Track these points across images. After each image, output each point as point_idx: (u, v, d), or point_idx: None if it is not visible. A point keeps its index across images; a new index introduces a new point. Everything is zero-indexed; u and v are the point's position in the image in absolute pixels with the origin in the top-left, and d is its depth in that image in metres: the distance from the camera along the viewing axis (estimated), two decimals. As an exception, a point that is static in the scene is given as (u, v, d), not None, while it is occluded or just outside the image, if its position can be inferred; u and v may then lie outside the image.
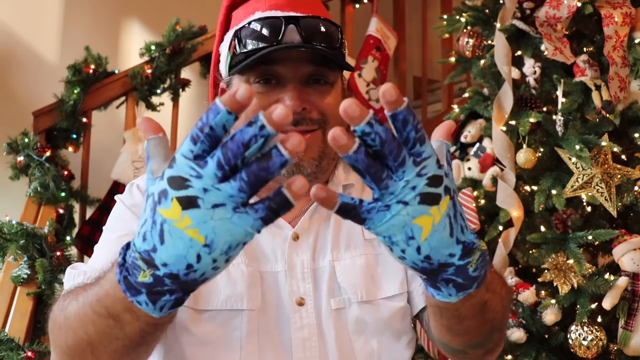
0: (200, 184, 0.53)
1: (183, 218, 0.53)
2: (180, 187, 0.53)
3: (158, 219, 0.55)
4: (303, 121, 0.92)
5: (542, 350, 1.82)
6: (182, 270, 0.56)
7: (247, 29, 0.93)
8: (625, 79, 1.91)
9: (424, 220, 0.57)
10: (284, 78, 0.93)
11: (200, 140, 0.53)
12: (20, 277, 2.31)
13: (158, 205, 0.55)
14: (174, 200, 0.53)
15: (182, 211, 0.53)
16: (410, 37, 4.16)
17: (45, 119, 2.89)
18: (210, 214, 0.53)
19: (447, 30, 2.36)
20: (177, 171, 0.54)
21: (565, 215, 1.82)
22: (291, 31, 0.91)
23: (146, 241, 0.56)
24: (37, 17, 3.68)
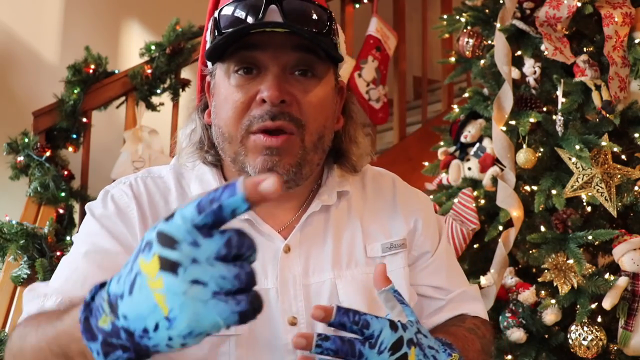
0: (191, 253, 0.49)
1: (157, 278, 0.50)
2: (166, 245, 0.50)
3: (135, 268, 0.52)
4: (281, 115, 0.83)
5: (542, 350, 1.82)
6: (138, 331, 0.52)
7: (226, 11, 0.85)
8: (625, 79, 1.91)
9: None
10: (265, 66, 0.84)
11: (205, 214, 0.49)
12: (20, 277, 2.31)
13: (141, 252, 0.52)
14: (155, 256, 0.50)
15: (158, 271, 0.50)
16: (410, 37, 4.16)
17: (45, 119, 2.89)
18: (185, 287, 0.49)
19: (447, 30, 2.36)
20: (170, 229, 0.50)
21: (565, 215, 1.82)
22: (272, 12, 0.82)
23: (119, 284, 0.53)
24: (37, 17, 3.68)
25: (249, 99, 0.85)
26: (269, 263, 0.89)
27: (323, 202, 0.94)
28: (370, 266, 0.93)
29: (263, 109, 0.83)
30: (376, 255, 0.95)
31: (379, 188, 1.03)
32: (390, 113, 3.70)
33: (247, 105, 0.85)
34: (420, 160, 2.51)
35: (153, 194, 0.93)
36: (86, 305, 0.56)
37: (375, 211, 0.99)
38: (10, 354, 0.73)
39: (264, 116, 0.83)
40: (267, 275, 0.88)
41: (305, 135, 0.86)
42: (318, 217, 0.94)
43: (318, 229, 0.94)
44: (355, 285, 0.91)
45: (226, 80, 0.87)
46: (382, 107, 3.55)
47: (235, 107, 0.85)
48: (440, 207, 2.14)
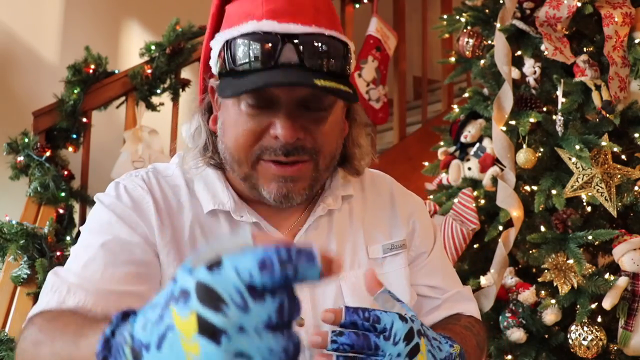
0: (239, 319, 0.42)
1: (193, 342, 0.42)
2: (210, 305, 0.42)
3: (167, 320, 0.45)
4: (295, 151, 0.84)
5: (542, 350, 1.82)
6: None
7: (239, 44, 0.83)
8: (625, 79, 1.91)
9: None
10: (277, 99, 0.83)
11: (270, 275, 0.43)
12: (20, 277, 2.31)
13: (175, 303, 0.44)
14: (193, 314, 0.43)
15: (196, 333, 0.42)
16: (410, 37, 4.16)
17: (45, 119, 2.89)
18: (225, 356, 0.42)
19: (447, 30, 2.36)
20: (216, 283, 0.43)
21: (565, 215, 1.82)
22: (288, 51, 0.81)
23: (145, 332, 0.46)
24: (37, 17, 3.68)
25: (261, 130, 0.85)
26: None
27: (328, 206, 0.96)
28: (373, 267, 0.95)
29: (276, 144, 0.84)
30: (378, 256, 0.98)
31: (377, 192, 1.05)
32: (390, 113, 3.70)
33: (258, 136, 0.86)
34: (420, 160, 2.51)
35: (166, 190, 0.93)
36: (105, 341, 0.51)
37: (375, 214, 1.02)
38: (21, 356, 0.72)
39: (277, 151, 0.85)
40: None
41: (319, 160, 0.88)
42: (322, 221, 0.96)
43: (322, 234, 0.96)
44: (359, 286, 0.92)
45: (236, 104, 0.87)
46: (382, 107, 3.55)
47: (245, 135, 0.86)
48: (440, 207, 2.14)
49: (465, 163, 2.16)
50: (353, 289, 0.92)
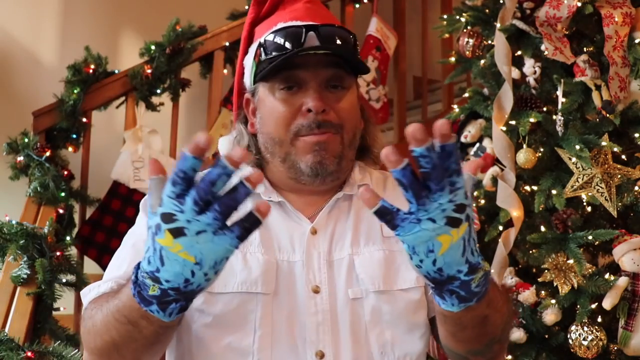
0: (184, 217, 0.66)
1: (175, 244, 0.67)
2: (169, 221, 0.66)
3: (157, 247, 0.68)
4: (324, 124, 1.00)
5: (542, 350, 1.82)
6: (182, 284, 0.69)
7: (270, 37, 1.02)
8: (625, 79, 1.91)
9: (444, 238, 0.69)
10: (305, 82, 1.01)
11: (177, 183, 0.65)
12: (20, 277, 2.31)
13: (155, 235, 0.68)
14: (166, 231, 0.66)
15: (173, 239, 0.66)
16: (410, 37, 4.16)
17: (45, 119, 2.89)
18: (195, 239, 0.66)
19: (447, 30, 2.36)
20: (165, 209, 0.66)
21: (565, 215, 1.82)
22: (311, 38, 1.00)
23: (150, 264, 0.70)
24: (36, 17, 3.68)
25: (295, 111, 1.02)
26: (297, 240, 1.02)
27: (346, 192, 1.08)
28: (386, 244, 1.03)
29: (309, 119, 1.01)
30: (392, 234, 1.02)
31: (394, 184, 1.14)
32: (390, 113, 3.70)
33: (293, 116, 1.02)
34: (420, 160, 2.50)
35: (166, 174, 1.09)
36: (134, 283, 0.74)
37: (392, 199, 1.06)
38: (85, 331, 0.89)
39: (311, 125, 1.00)
40: (294, 250, 1.02)
41: (344, 134, 1.03)
42: (342, 204, 1.07)
43: (341, 215, 1.06)
44: (372, 260, 1.01)
45: (271, 96, 1.04)
46: (382, 107, 3.55)
47: (283, 117, 1.02)
48: (440, 207, 2.14)
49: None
50: (364, 263, 1.01)
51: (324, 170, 1.02)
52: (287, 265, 1.00)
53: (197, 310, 0.96)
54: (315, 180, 1.03)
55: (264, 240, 1.01)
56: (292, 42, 1.00)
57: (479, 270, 0.74)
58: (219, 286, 0.95)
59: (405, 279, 1.02)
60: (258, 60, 1.04)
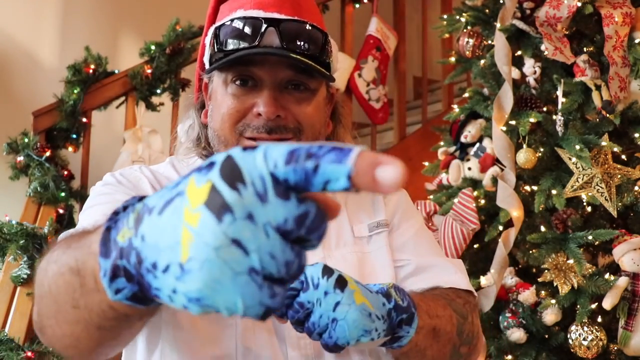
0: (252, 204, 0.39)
1: (196, 211, 0.39)
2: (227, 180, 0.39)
3: (181, 186, 0.42)
4: (277, 129, 0.90)
5: (542, 350, 1.82)
6: (148, 261, 0.43)
7: (226, 27, 0.91)
8: (625, 79, 1.91)
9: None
10: (261, 81, 0.90)
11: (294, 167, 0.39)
12: (20, 277, 2.31)
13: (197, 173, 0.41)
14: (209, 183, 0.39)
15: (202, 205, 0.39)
16: (410, 37, 4.16)
17: (45, 119, 2.89)
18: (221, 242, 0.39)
19: (447, 30, 2.36)
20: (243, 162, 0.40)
21: (565, 215, 1.82)
22: (270, 34, 0.88)
23: (156, 197, 0.44)
24: (36, 17, 3.68)
25: (245, 109, 0.91)
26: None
27: None
28: (358, 245, 0.98)
29: (259, 122, 0.90)
30: (363, 235, 1.00)
31: None
32: (390, 113, 3.70)
33: (242, 114, 0.92)
34: (420, 160, 2.51)
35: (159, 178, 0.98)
36: (114, 213, 0.49)
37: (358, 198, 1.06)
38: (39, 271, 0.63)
39: (260, 128, 0.90)
40: None
41: (302, 138, 0.92)
42: None
43: None
44: (345, 263, 0.95)
45: (223, 87, 0.94)
46: (382, 107, 3.55)
47: (230, 114, 0.92)
48: (440, 207, 2.14)
49: (465, 163, 2.16)
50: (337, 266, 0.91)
51: None
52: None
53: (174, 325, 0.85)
54: None
55: None
56: (248, 36, 0.89)
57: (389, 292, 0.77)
58: None
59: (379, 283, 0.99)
60: (212, 49, 0.93)
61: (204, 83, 1.01)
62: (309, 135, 0.92)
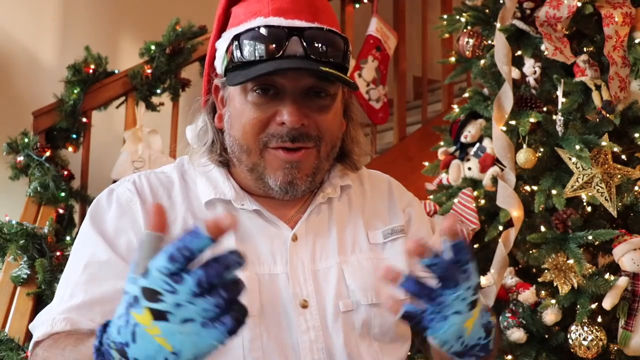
0: (173, 299, 0.57)
1: (153, 326, 0.58)
2: (152, 300, 0.57)
3: (131, 320, 0.59)
4: (300, 137, 0.90)
5: (542, 350, 1.81)
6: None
7: (248, 36, 0.89)
8: (626, 79, 1.91)
9: (469, 321, 0.73)
10: (283, 89, 0.89)
11: (178, 262, 0.57)
12: (20, 277, 2.31)
13: (131, 307, 0.59)
14: (145, 309, 0.58)
15: (152, 320, 0.58)
16: (410, 37, 4.16)
17: (45, 119, 2.89)
18: (179, 328, 0.57)
19: (447, 30, 2.36)
20: (150, 284, 0.58)
21: (565, 215, 1.82)
22: (294, 43, 0.88)
23: (120, 335, 0.60)
24: (36, 17, 3.68)
25: (267, 118, 0.91)
26: (277, 250, 0.94)
27: (328, 194, 1.00)
28: (374, 252, 0.98)
29: (282, 130, 0.90)
30: (378, 242, 1.00)
31: (376, 185, 1.09)
32: (390, 113, 3.70)
33: (265, 124, 0.91)
34: (420, 160, 2.51)
35: (156, 188, 0.97)
36: (97, 350, 0.63)
37: (374, 203, 1.06)
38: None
39: (284, 137, 0.90)
40: (275, 261, 0.93)
41: (321, 147, 0.93)
42: (322, 208, 1.00)
43: (322, 220, 0.99)
44: (361, 269, 0.95)
45: (242, 95, 0.92)
46: (382, 107, 3.55)
47: (253, 123, 0.91)
48: (440, 207, 2.14)
49: (465, 163, 2.16)
50: (354, 273, 0.95)
51: (295, 190, 0.92)
52: (269, 278, 0.92)
53: None
54: (284, 196, 0.94)
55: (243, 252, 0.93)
56: (271, 47, 0.87)
57: (492, 330, 0.78)
58: None
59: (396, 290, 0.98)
60: (230, 57, 0.92)
61: (214, 85, 0.99)
62: (327, 141, 0.94)
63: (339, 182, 1.01)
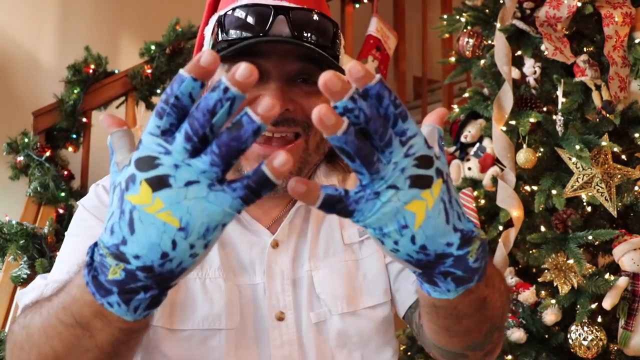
0: (170, 161, 0.48)
1: (154, 201, 0.48)
2: (149, 168, 0.48)
3: (126, 207, 0.49)
4: (284, 122, 0.83)
5: (542, 350, 1.82)
6: (157, 260, 0.50)
7: (232, 16, 0.84)
8: (626, 79, 1.91)
9: (416, 205, 0.51)
10: (268, 73, 0.83)
11: (166, 113, 0.48)
12: (20, 277, 2.31)
13: (125, 192, 0.49)
14: (142, 183, 0.48)
15: (152, 193, 0.48)
16: (410, 37, 4.16)
17: (45, 119, 2.90)
18: (183, 192, 0.48)
19: (447, 30, 2.36)
20: (144, 151, 0.49)
21: (565, 215, 1.82)
22: (280, 22, 0.82)
23: (114, 234, 0.50)
24: (36, 17, 3.68)
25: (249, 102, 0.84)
26: (257, 257, 0.88)
27: None
28: (348, 253, 0.92)
29: None
30: (353, 241, 0.94)
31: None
32: (390, 113, 3.69)
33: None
34: (420, 160, 2.50)
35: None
36: (88, 266, 0.54)
37: None
38: (15, 346, 0.66)
39: None
40: (255, 271, 0.87)
41: (310, 135, 0.86)
42: (302, 212, 0.93)
43: (301, 223, 0.93)
44: (332, 276, 0.89)
45: None
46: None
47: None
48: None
49: (465, 163, 2.16)
50: (325, 282, 0.89)
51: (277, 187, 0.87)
52: (249, 289, 0.86)
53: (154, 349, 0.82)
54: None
55: (224, 261, 0.86)
56: (256, 25, 0.82)
57: (474, 240, 0.56)
58: (178, 322, 0.82)
59: (372, 294, 0.90)
60: (215, 39, 0.86)
61: None
62: (317, 131, 0.86)
63: (323, 182, 0.95)
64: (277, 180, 0.48)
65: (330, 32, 0.86)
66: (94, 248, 0.54)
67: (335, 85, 0.48)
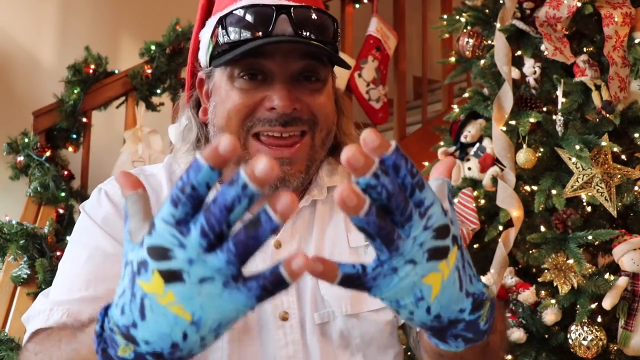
0: (185, 255, 0.46)
1: (166, 293, 0.47)
2: (161, 258, 0.47)
3: (138, 292, 0.49)
4: (292, 121, 0.85)
5: (542, 350, 1.81)
6: (167, 349, 0.49)
7: (234, 17, 0.84)
8: (625, 79, 1.91)
9: (433, 278, 0.51)
10: (271, 74, 0.85)
11: (181, 203, 0.46)
12: (20, 277, 2.31)
13: (137, 276, 0.48)
14: (155, 272, 0.47)
15: (164, 285, 0.47)
16: (410, 37, 4.16)
17: (45, 119, 2.90)
18: (197, 289, 0.46)
19: (447, 30, 2.36)
20: (157, 240, 0.47)
21: (565, 215, 1.82)
22: (282, 21, 0.83)
23: (124, 315, 0.50)
24: (36, 17, 3.68)
25: (254, 104, 0.86)
26: (260, 257, 0.87)
27: (313, 197, 0.94)
28: (354, 256, 0.92)
29: (272, 115, 0.85)
30: (359, 245, 0.93)
31: None
32: (390, 113, 3.70)
33: (251, 109, 0.86)
34: (420, 160, 2.51)
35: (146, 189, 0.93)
36: (98, 336, 0.53)
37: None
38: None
39: (273, 122, 0.84)
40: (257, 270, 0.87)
41: (316, 133, 0.88)
42: (306, 212, 0.94)
43: (305, 224, 0.93)
44: None
45: (229, 83, 0.87)
46: (382, 107, 3.55)
47: (238, 109, 0.86)
48: (440, 207, 2.14)
49: (465, 163, 2.16)
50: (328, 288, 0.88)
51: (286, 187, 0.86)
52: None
53: None
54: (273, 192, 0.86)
55: None
56: (259, 26, 0.82)
57: (485, 303, 0.57)
58: None
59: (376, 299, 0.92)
60: (216, 41, 0.87)
61: (198, 79, 0.95)
62: (323, 126, 0.89)
63: (326, 182, 0.96)
64: (292, 281, 0.48)
65: (331, 28, 0.87)
66: (104, 317, 0.53)
67: (358, 161, 0.46)
